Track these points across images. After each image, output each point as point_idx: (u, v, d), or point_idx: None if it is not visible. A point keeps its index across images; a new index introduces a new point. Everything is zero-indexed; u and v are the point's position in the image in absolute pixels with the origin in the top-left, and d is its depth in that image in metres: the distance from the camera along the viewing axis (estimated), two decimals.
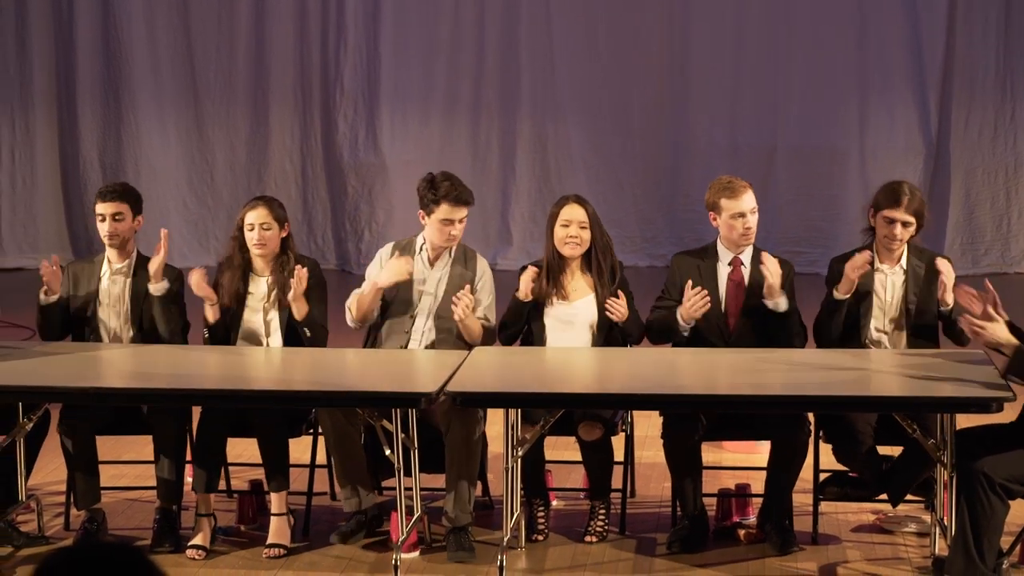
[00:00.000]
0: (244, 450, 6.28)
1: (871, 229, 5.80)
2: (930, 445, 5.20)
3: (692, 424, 5.56)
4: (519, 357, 5.78)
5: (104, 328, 5.92)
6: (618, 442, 5.89)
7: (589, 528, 5.76)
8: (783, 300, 5.72)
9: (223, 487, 6.01)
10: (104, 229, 5.89)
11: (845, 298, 5.69)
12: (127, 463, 6.37)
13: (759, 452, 6.23)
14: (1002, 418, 5.09)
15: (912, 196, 5.69)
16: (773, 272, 5.69)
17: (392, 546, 5.45)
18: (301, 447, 5.93)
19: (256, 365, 5.77)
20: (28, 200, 13.11)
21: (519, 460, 5.46)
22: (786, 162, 12.72)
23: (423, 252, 5.95)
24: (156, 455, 5.69)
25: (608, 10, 12.80)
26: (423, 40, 12.93)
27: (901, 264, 5.76)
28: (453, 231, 5.86)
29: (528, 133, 12.99)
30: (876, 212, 5.74)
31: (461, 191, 5.85)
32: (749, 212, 5.78)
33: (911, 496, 5.61)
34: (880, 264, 5.77)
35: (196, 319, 6.12)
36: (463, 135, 13.01)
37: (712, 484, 5.95)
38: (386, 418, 5.39)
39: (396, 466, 5.40)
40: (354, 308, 5.89)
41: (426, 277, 5.92)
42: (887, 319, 5.76)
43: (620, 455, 5.95)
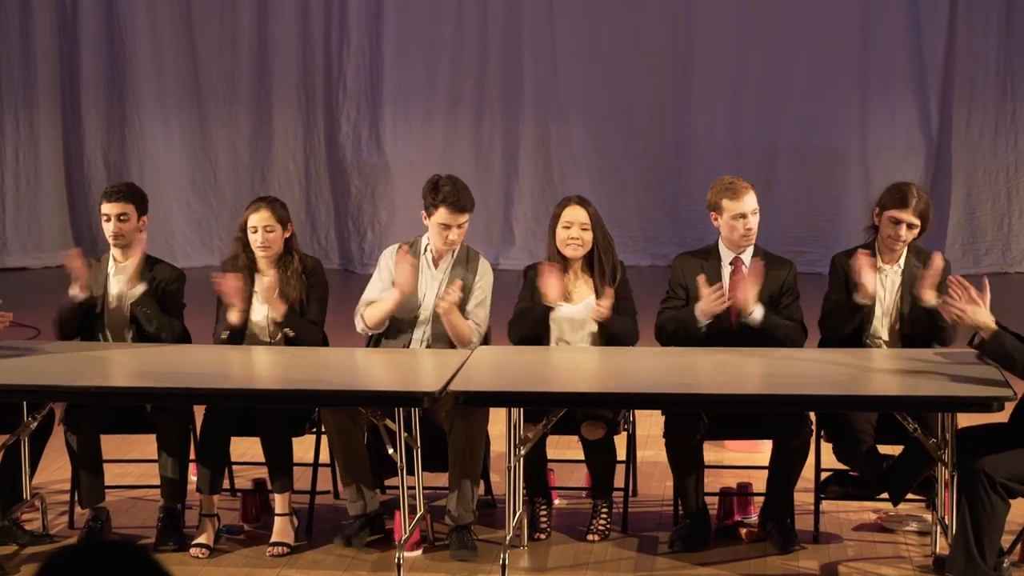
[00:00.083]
0: (247, 449, 6.29)
1: (874, 228, 5.82)
2: (931, 444, 5.21)
3: (694, 423, 5.57)
4: (521, 356, 5.78)
5: (109, 327, 5.94)
6: (620, 441, 5.91)
7: (591, 527, 5.77)
8: (757, 310, 5.70)
9: (227, 486, 6.03)
10: (109, 229, 5.91)
11: (867, 303, 5.69)
12: (131, 462, 6.38)
13: (761, 451, 6.24)
14: (1003, 417, 5.10)
15: (919, 198, 5.70)
16: (746, 288, 5.67)
17: (395, 544, 5.47)
18: (304, 446, 5.94)
19: (259, 364, 5.78)
20: (32, 199, 13.12)
21: (521, 459, 5.47)
22: (787, 162, 12.72)
23: (427, 253, 5.96)
24: (160, 454, 5.70)
25: (611, 10, 12.81)
26: (426, 40, 12.94)
27: (900, 264, 5.77)
28: (451, 236, 5.84)
29: (531, 133, 12.99)
30: (882, 212, 5.74)
31: (461, 197, 5.81)
32: (750, 213, 5.79)
33: (912, 495, 5.61)
34: (881, 264, 5.78)
35: (198, 320, 6.13)
36: (466, 135, 13.01)
37: (714, 483, 5.96)
38: (389, 417, 5.41)
39: (399, 465, 5.42)
40: (368, 317, 5.86)
41: (429, 278, 5.92)
42: (885, 318, 5.77)
43: (622, 454, 5.97)
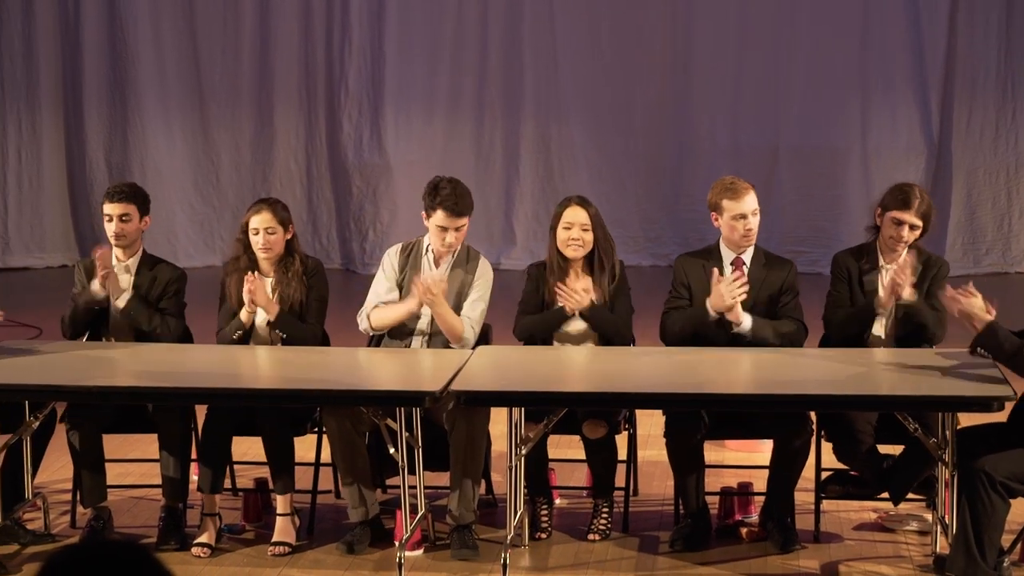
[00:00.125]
0: (249, 448, 6.30)
1: (875, 228, 5.82)
2: (931, 444, 5.22)
3: (694, 423, 5.58)
4: (523, 356, 5.79)
5: (112, 328, 5.94)
6: (621, 441, 5.92)
7: (592, 526, 5.78)
8: (746, 319, 5.69)
9: (228, 485, 6.04)
10: (111, 229, 5.92)
11: (882, 312, 5.69)
12: (133, 461, 6.39)
13: (761, 451, 6.25)
14: (1003, 417, 5.11)
15: (922, 199, 5.71)
16: (728, 293, 5.66)
17: (396, 544, 5.48)
18: (306, 446, 5.95)
19: (261, 364, 5.79)
20: (35, 200, 13.13)
21: (523, 458, 5.48)
22: (788, 162, 12.72)
23: (428, 253, 5.97)
24: (161, 453, 5.71)
25: (611, 9, 12.81)
26: (427, 40, 12.95)
27: (899, 263, 5.77)
28: (448, 238, 5.83)
29: (531, 133, 13.00)
30: (884, 212, 5.75)
31: (459, 201, 5.79)
32: (751, 214, 5.79)
33: (912, 494, 5.63)
34: (883, 263, 5.79)
35: (200, 320, 6.14)
36: (467, 135, 13.02)
37: (714, 482, 5.97)
38: (391, 417, 5.42)
39: (400, 464, 5.43)
40: (375, 320, 5.87)
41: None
42: (884, 316, 5.77)
43: (623, 453, 5.98)
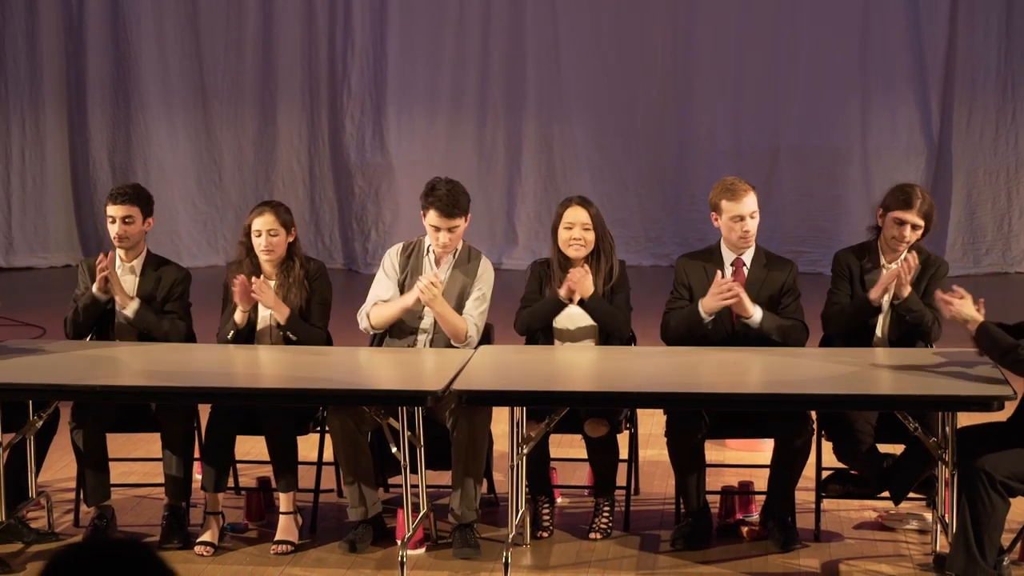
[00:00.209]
0: (252, 447, 6.32)
1: (877, 228, 5.84)
2: (931, 443, 5.23)
3: (696, 422, 5.60)
4: (524, 356, 5.81)
5: (116, 328, 5.96)
6: (622, 440, 5.93)
7: (593, 525, 5.79)
8: (756, 313, 5.71)
9: (231, 484, 6.05)
10: (114, 231, 5.94)
11: (882, 303, 5.72)
12: (136, 460, 6.40)
13: (762, 450, 6.27)
14: (1003, 416, 5.12)
15: (924, 199, 5.72)
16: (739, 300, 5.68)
17: (399, 543, 5.50)
18: (308, 445, 5.97)
19: (264, 363, 5.81)
20: (38, 200, 13.15)
21: (524, 458, 5.50)
22: (789, 162, 12.74)
23: (430, 254, 5.98)
24: (164, 452, 5.73)
25: (613, 10, 12.83)
26: (429, 41, 12.97)
27: (898, 263, 5.79)
28: (441, 238, 5.83)
29: (534, 133, 13.02)
30: (885, 212, 5.76)
31: (451, 202, 5.79)
32: (748, 216, 5.79)
33: (913, 494, 5.64)
34: (885, 262, 5.80)
35: (203, 319, 6.16)
36: (469, 135, 13.04)
37: (715, 482, 5.98)
38: (393, 416, 5.44)
39: (403, 464, 5.44)
40: (374, 319, 5.89)
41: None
42: (884, 316, 5.79)
43: (624, 453, 6.00)
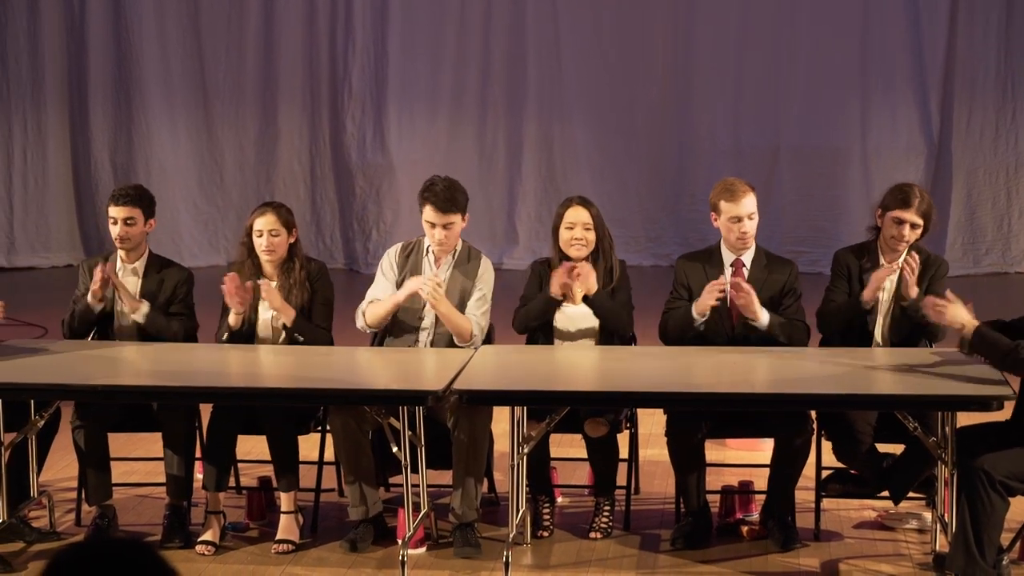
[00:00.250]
0: (253, 447, 6.33)
1: (876, 228, 5.85)
2: (931, 443, 5.24)
3: (696, 422, 5.61)
4: (525, 355, 5.82)
5: (118, 329, 5.97)
6: (622, 439, 5.95)
7: (594, 524, 5.81)
8: (763, 316, 5.73)
9: (232, 484, 6.07)
10: (115, 232, 5.95)
11: (872, 304, 5.73)
12: (138, 460, 6.41)
13: (762, 449, 6.28)
14: (1002, 416, 5.13)
15: (922, 199, 5.73)
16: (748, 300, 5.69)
17: (399, 542, 5.51)
18: (309, 444, 5.99)
19: (265, 363, 5.82)
20: (40, 200, 13.17)
21: (525, 457, 5.51)
22: (788, 162, 12.75)
23: (429, 253, 5.99)
24: (166, 452, 5.74)
25: (613, 10, 12.85)
26: (430, 41, 12.99)
27: (899, 263, 5.80)
28: (436, 235, 5.85)
29: (534, 133, 13.04)
30: (884, 212, 5.77)
31: (446, 198, 5.81)
32: (746, 217, 5.79)
33: (912, 493, 5.65)
34: (884, 263, 5.81)
35: (204, 319, 6.17)
36: (470, 135, 13.06)
37: (715, 481, 6.00)
38: (394, 416, 5.45)
39: (403, 463, 5.45)
40: (369, 317, 5.92)
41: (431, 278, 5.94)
42: (883, 316, 5.81)
43: (624, 452, 6.01)
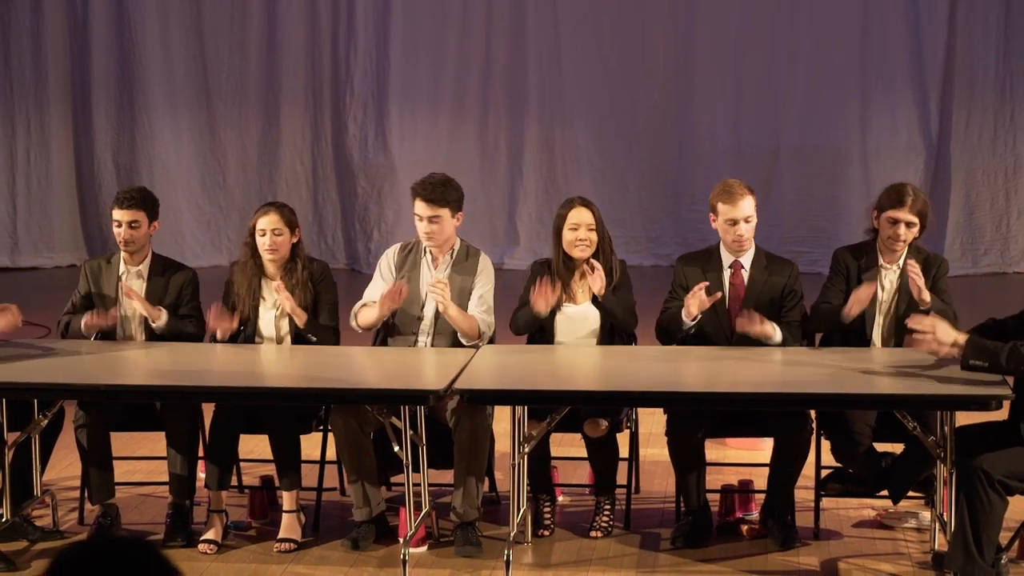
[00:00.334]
0: (255, 446, 6.36)
1: (874, 230, 5.86)
2: (930, 442, 5.26)
3: (696, 421, 5.63)
4: (526, 355, 5.84)
5: (121, 327, 6.00)
6: (623, 439, 5.96)
7: (594, 523, 5.82)
8: (776, 334, 5.73)
9: (235, 483, 6.09)
10: (120, 235, 5.95)
11: (847, 320, 5.73)
12: (140, 459, 6.42)
13: (762, 449, 6.30)
14: (1001, 415, 5.14)
15: (916, 197, 5.73)
16: (757, 329, 5.69)
17: (401, 541, 5.52)
18: (311, 443, 6.01)
19: (267, 363, 5.85)
20: (43, 200, 13.19)
21: (526, 456, 5.53)
22: (789, 163, 12.76)
23: (427, 253, 6.01)
24: (169, 451, 5.76)
25: (614, 13, 12.86)
26: (432, 43, 13.01)
27: (899, 264, 5.81)
28: (424, 228, 5.87)
29: (535, 135, 13.05)
30: (880, 213, 5.78)
31: (432, 191, 5.84)
32: (743, 220, 5.79)
33: (911, 492, 5.67)
34: (883, 263, 5.83)
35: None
36: (471, 136, 13.07)
37: (715, 480, 6.02)
38: (395, 415, 5.47)
39: (405, 462, 5.47)
40: (360, 319, 5.95)
41: (429, 278, 5.95)
42: (882, 316, 5.82)
43: (625, 452, 6.03)
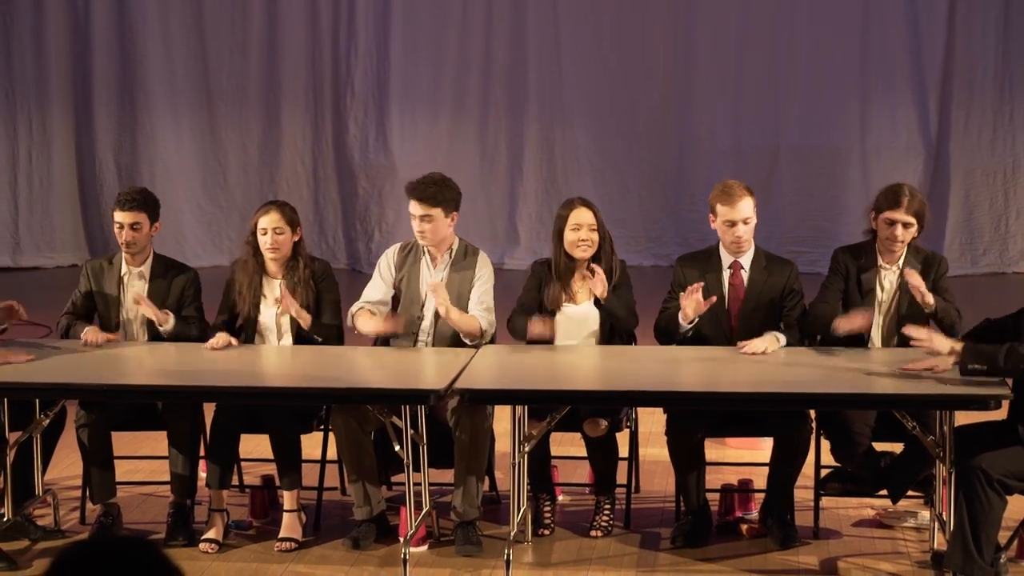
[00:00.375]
0: (256, 446, 6.37)
1: (872, 231, 5.87)
2: (929, 442, 5.27)
3: (695, 421, 5.64)
4: (526, 355, 5.84)
5: (123, 329, 6.02)
6: (623, 438, 5.98)
7: (594, 523, 5.83)
8: (780, 340, 5.73)
9: (236, 482, 6.10)
10: (121, 236, 5.96)
11: (841, 334, 5.73)
12: (142, 458, 6.44)
13: (761, 448, 6.31)
14: (1000, 415, 5.16)
15: (912, 197, 5.73)
16: (759, 349, 5.66)
17: (401, 540, 5.53)
18: (312, 443, 6.02)
19: (268, 363, 5.86)
20: (45, 200, 13.20)
21: (526, 456, 5.54)
22: (788, 162, 12.77)
23: (426, 253, 6.01)
24: (170, 450, 5.78)
25: (614, 13, 12.87)
26: (432, 43, 13.02)
27: (898, 264, 5.81)
28: (417, 227, 5.87)
29: (535, 135, 13.06)
30: (877, 214, 5.79)
31: (424, 190, 5.84)
32: (741, 221, 5.79)
33: (911, 492, 5.68)
34: (882, 263, 5.84)
35: (208, 320, 6.21)
36: (471, 137, 13.08)
37: (715, 480, 6.03)
38: (396, 415, 5.48)
39: (405, 462, 5.48)
40: (359, 324, 5.95)
41: (428, 278, 5.96)
42: (882, 317, 5.83)
43: (625, 451, 6.04)
